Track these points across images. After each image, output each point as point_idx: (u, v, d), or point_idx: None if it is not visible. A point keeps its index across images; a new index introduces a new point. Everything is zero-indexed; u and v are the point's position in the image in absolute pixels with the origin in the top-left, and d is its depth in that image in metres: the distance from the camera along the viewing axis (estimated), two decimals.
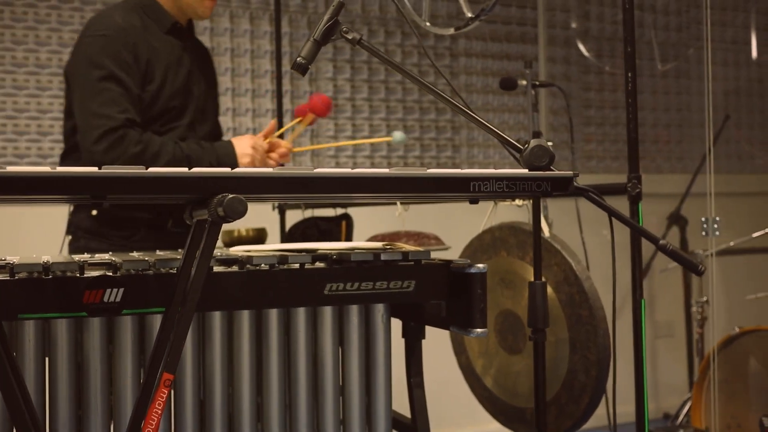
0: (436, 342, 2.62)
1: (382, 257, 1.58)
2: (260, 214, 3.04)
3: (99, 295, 1.47)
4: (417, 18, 2.62)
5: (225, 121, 3.63)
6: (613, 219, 1.85)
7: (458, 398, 2.91)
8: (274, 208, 3.33)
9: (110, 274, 1.48)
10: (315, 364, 1.69)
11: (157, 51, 2.30)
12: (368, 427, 1.74)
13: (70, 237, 2.43)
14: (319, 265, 1.62)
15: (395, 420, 1.93)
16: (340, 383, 1.71)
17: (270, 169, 1.21)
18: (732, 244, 3.34)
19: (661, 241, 1.78)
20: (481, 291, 1.59)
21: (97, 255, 1.72)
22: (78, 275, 1.46)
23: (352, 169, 1.31)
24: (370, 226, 2.99)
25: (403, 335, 1.85)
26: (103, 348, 1.55)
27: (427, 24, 2.62)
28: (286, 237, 3.18)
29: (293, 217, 3.16)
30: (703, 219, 2.53)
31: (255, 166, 2.35)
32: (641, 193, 1.93)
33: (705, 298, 3.56)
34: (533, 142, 1.72)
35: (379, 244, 1.68)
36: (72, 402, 1.54)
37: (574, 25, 4.14)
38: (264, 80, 3.71)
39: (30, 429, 1.30)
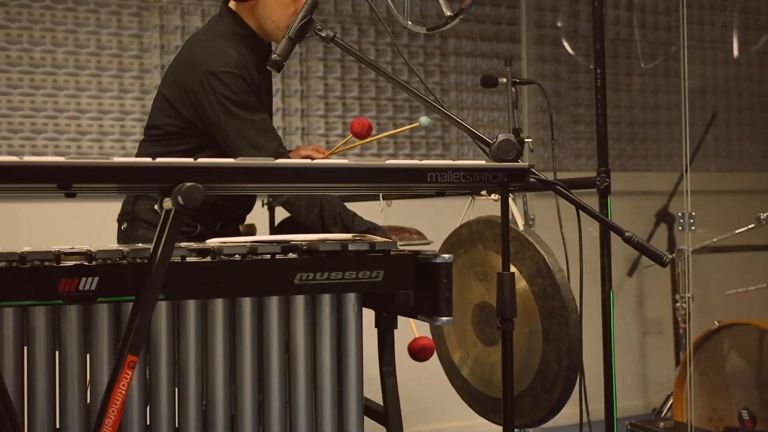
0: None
1: (350, 248, 1.63)
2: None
3: (74, 283, 1.52)
4: (399, 16, 2.67)
5: None
6: (581, 213, 1.90)
7: (448, 391, 2.95)
8: (263, 205, 3.38)
9: (86, 263, 1.53)
10: (288, 352, 1.73)
11: (258, 80, 2.33)
12: (340, 414, 1.79)
13: (125, 225, 2.45)
14: (289, 255, 1.67)
15: (369, 408, 1.98)
16: (313, 370, 1.76)
17: (230, 160, 1.26)
18: (715, 240, 3.38)
19: (627, 233, 1.83)
20: (447, 280, 1.64)
21: (77, 246, 1.77)
22: (54, 264, 1.51)
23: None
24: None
25: (376, 325, 1.90)
26: (80, 335, 1.60)
27: (409, 23, 2.66)
28: (274, 232, 3.23)
29: (282, 213, 3.22)
30: (679, 214, 2.58)
31: None
32: (609, 186, 1.97)
33: (689, 294, 3.60)
34: (501, 137, 1.77)
35: (348, 236, 1.73)
36: (49, 388, 1.59)
37: (560, 24, 4.18)
38: None
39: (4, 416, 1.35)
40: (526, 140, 2.66)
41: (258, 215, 3.21)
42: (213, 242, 1.86)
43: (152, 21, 3.60)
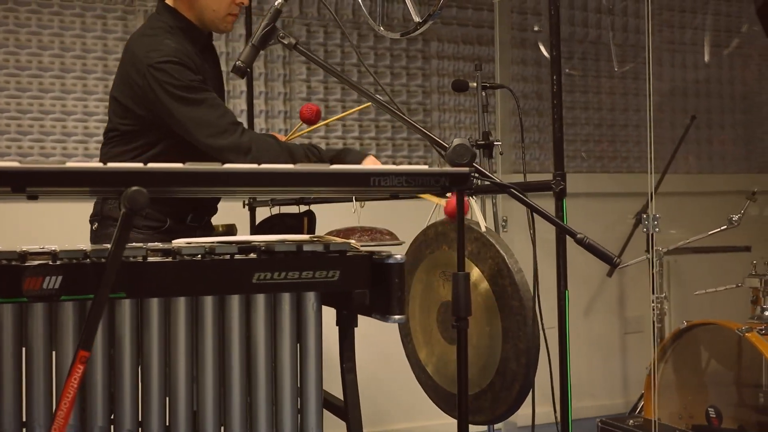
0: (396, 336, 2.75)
1: (305, 248, 1.69)
2: (231, 211, 3.16)
3: (39, 282, 1.59)
4: (372, 22, 2.73)
5: None
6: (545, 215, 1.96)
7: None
8: (244, 206, 3.45)
9: (50, 263, 1.59)
10: (248, 349, 1.80)
11: (202, 68, 2.40)
12: (300, 409, 1.85)
13: (96, 225, 2.52)
14: (248, 255, 1.74)
15: (331, 403, 2.04)
16: (273, 367, 1.82)
17: (179, 165, 1.32)
18: (689, 241, 3.44)
19: (578, 236, 1.89)
20: (399, 280, 1.70)
21: (46, 246, 1.83)
22: (20, 264, 1.58)
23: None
24: (331, 222, 3.10)
25: (337, 323, 1.96)
26: (45, 332, 1.66)
27: (381, 29, 2.73)
28: (254, 232, 3.30)
29: (262, 213, 3.28)
30: (644, 216, 2.64)
31: None
32: (565, 190, 2.03)
33: (664, 294, 3.66)
34: (455, 141, 1.84)
35: (306, 237, 1.79)
36: (16, 383, 1.66)
37: (536, 28, 4.25)
38: (240, 82, 3.82)
39: None
40: (495, 143, 2.72)
41: (239, 215, 3.28)
42: (178, 242, 1.92)
43: (137, 24, 3.66)
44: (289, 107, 3.97)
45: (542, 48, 4.24)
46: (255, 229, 3.26)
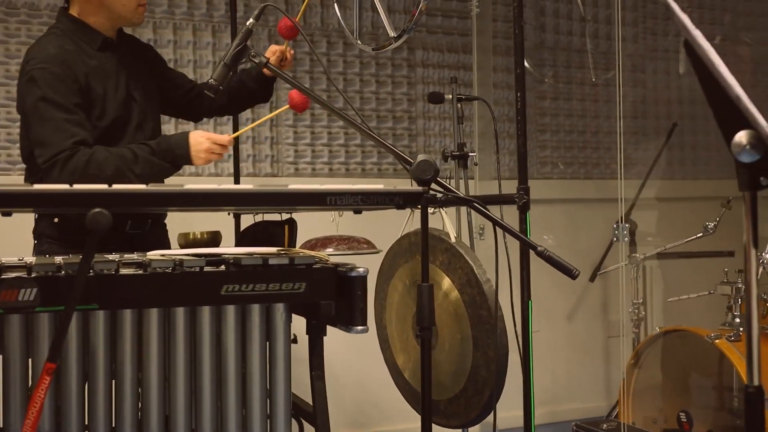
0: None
1: (271, 262, 1.76)
2: (216, 218, 3.23)
3: (14, 294, 1.66)
4: (349, 36, 2.80)
5: (168, 129, 3.80)
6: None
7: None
8: (229, 213, 3.51)
9: (25, 275, 1.66)
10: (219, 357, 1.87)
11: (94, 69, 2.47)
12: (269, 415, 1.92)
13: (35, 241, 2.60)
14: (217, 268, 1.81)
15: (301, 409, 2.11)
16: (242, 375, 1.89)
17: (141, 186, 1.39)
18: (667, 247, 3.51)
19: (539, 248, 1.96)
20: (361, 292, 1.77)
21: (19, 258, 1.90)
22: None
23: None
24: (313, 229, 3.16)
25: (307, 332, 2.03)
26: (22, 341, 1.73)
27: (358, 42, 2.79)
28: (238, 239, 3.37)
29: (247, 221, 3.35)
30: (614, 225, 2.70)
31: (212, 154, 2.49)
32: (528, 203, 2.10)
33: (641, 300, 3.73)
34: (419, 158, 1.91)
35: (273, 250, 1.86)
36: None
37: None
38: None
39: None
40: (470, 154, 2.78)
41: (224, 223, 3.34)
42: (152, 254, 1.99)
43: (146, 35, 3.71)
44: (276, 133, 4.04)
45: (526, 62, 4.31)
46: (239, 236, 3.33)
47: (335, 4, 2.83)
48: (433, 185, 1.83)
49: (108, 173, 2.29)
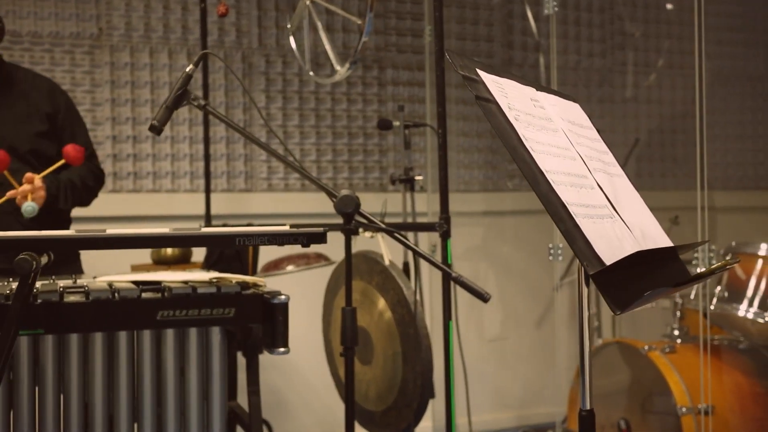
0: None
1: (199, 291, 1.95)
2: None
3: None
4: (302, 64, 2.98)
5: (145, 148, 4.00)
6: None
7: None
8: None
9: None
10: (159, 376, 2.06)
11: None
12: (206, 426, 2.11)
13: None
14: (156, 295, 2.00)
15: (241, 419, 2.30)
16: (181, 393, 2.08)
17: (68, 231, 1.58)
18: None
19: (453, 274, 2.14)
20: (283, 318, 1.96)
21: None
22: None
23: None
24: (276, 247, 3.36)
25: (243, 353, 2.22)
26: None
27: (311, 73, 2.98)
28: (206, 256, 3.56)
29: None
30: (549, 246, 2.87)
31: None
32: (449, 231, 2.28)
33: (594, 310, 3.90)
34: (343, 192, 2.10)
35: (208, 276, 2.04)
36: None
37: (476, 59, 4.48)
38: (182, 109, 4.06)
39: None
40: (416, 178, 2.96)
41: None
42: (103, 279, 2.19)
43: (103, 58, 3.93)
44: (249, 150, 4.22)
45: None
46: (207, 254, 3.52)
47: (290, 37, 3.01)
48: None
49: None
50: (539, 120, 1.35)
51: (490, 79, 1.30)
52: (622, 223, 1.39)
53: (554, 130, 1.38)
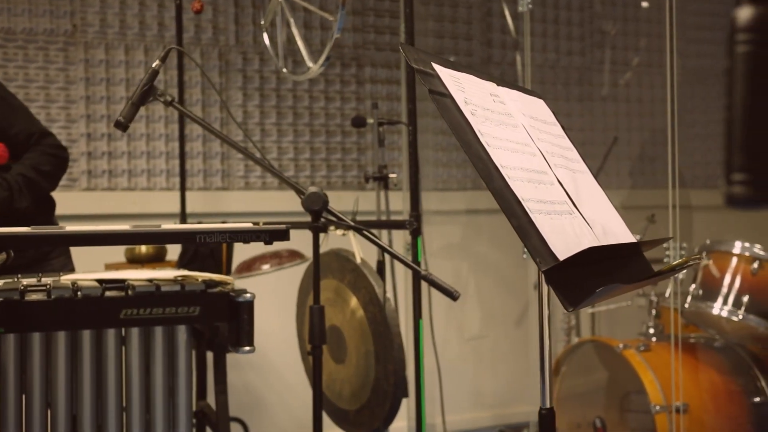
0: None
1: (163, 289, 1.93)
2: None
3: None
4: (276, 62, 2.96)
5: (120, 145, 3.97)
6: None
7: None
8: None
9: None
10: (124, 375, 2.03)
11: None
12: (171, 425, 2.09)
13: None
14: (119, 293, 1.97)
15: (209, 418, 2.28)
16: (147, 390, 2.05)
17: (25, 228, 1.55)
18: None
19: (422, 272, 2.13)
20: (248, 316, 1.93)
21: None
22: None
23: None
24: (251, 245, 3.34)
25: (210, 351, 2.20)
26: None
27: (284, 70, 2.95)
28: (181, 253, 3.53)
29: None
30: (524, 249, 2.86)
31: None
32: (419, 229, 2.26)
33: (571, 308, 3.89)
34: (310, 189, 2.08)
35: (172, 274, 2.02)
36: None
37: (452, 59, 4.47)
38: (158, 106, 4.03)
39: None
40: (390, 175, 2.94)
41: None
42: (68, 278, 2.16)
43: (78, 55, 3.89)
44: (226, 148, 4.20)
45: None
46: (181, 251, 3.49)
47: (264, 34, 2.99)
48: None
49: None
50: (498, 115, 1.33)
51: (446, 74, 1.28)
52: (582, 219, 1.38)
53: (514, 126, 1.36)
